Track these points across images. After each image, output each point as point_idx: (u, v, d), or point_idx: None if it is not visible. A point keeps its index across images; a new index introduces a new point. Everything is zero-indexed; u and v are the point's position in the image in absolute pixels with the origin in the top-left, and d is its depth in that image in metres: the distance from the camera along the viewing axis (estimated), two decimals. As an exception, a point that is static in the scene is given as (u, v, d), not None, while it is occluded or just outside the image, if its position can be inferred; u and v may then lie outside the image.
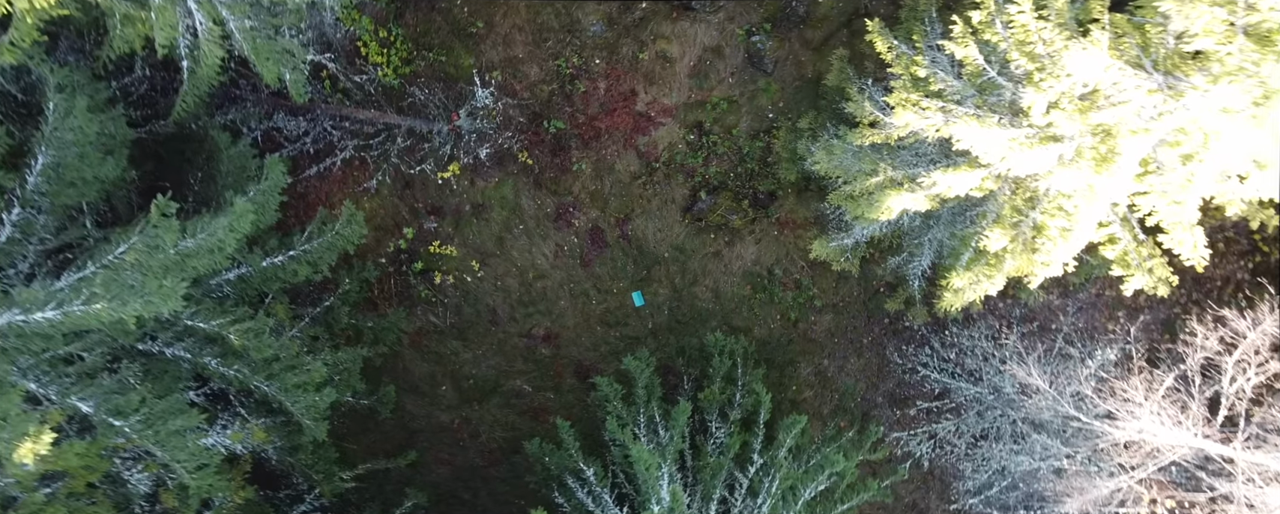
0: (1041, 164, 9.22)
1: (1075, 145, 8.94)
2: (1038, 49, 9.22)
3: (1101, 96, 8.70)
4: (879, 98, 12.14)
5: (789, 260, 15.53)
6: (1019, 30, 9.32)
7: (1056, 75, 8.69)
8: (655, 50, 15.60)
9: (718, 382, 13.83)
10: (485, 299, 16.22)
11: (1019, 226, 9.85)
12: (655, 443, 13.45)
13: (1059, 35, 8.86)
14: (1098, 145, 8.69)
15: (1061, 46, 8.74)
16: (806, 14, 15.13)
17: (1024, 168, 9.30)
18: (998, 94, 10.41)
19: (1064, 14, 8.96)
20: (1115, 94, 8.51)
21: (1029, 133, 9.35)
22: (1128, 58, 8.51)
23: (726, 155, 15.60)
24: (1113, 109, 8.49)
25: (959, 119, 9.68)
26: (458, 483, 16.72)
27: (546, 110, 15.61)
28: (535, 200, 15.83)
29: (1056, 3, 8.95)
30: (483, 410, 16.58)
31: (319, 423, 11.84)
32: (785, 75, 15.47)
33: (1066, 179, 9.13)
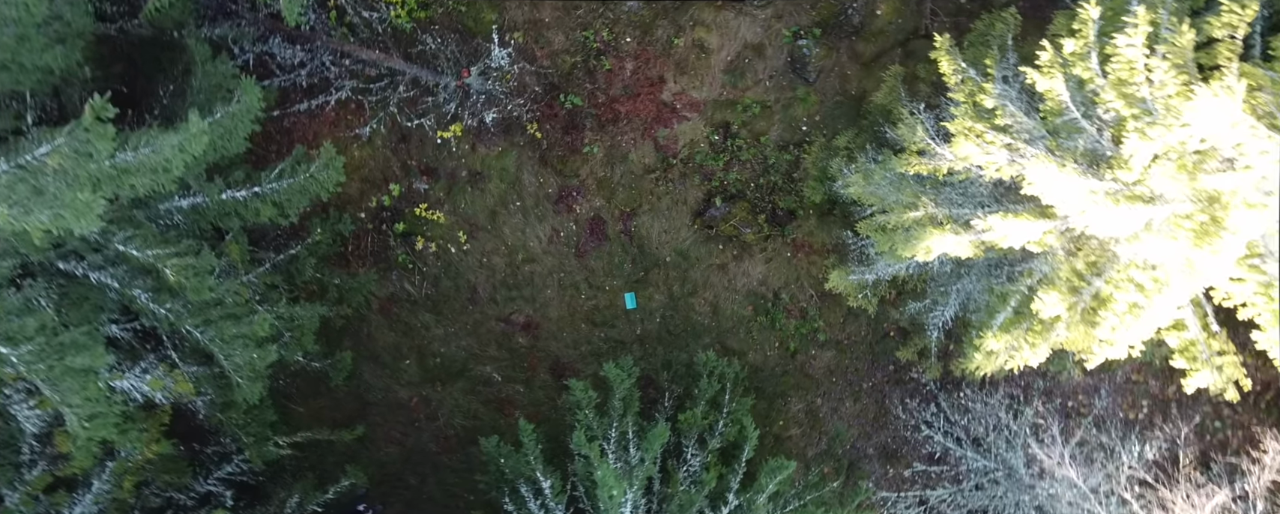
0: (1124, 226, 7.68)
1: (1171, 211, 7.39)
2: (1141, 92, 7.67)
3: (1216, 157, 7.16)
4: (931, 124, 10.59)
5: (798, 286, 13.95)
6: (1123, 67, 7.77)
7: (1168, 125, 7.14)
8: (692, 38, 14.01)
9: (702, 405, 12.24)
10: (467, 274, 14.61)
11: (1079, 294, 8.29)
12: (624, 462, 11.86)
13: (1174, 78, 7.31)
14: (1200, 214, 7.14)
15: (1176, 91, 7.19)
16: (861, 25, 13.56)
17: (1103, 228, 7.75)
18: (1075, 138, 8.84)
19: (1185, 54, 7.40)
20: (1237, 157, 6.97)
21: (1114, 187, 7.81)
22: (1261, 115, 6.97)
23: (750, 163, 14.01)
24: (1230, 175, 6.95)
25: (1033, 159, 8.12)
26: (406, 466, 15.10)
27: (565, 83, 14.01)
28: (537, 178, 14.23)
29: (1179, 40, 7.38)
30: (445, 393, 14.96)
31: (254, 383, 10.23)
32: (827, 87, 13.89)
33: (1151, 248, 7.58)
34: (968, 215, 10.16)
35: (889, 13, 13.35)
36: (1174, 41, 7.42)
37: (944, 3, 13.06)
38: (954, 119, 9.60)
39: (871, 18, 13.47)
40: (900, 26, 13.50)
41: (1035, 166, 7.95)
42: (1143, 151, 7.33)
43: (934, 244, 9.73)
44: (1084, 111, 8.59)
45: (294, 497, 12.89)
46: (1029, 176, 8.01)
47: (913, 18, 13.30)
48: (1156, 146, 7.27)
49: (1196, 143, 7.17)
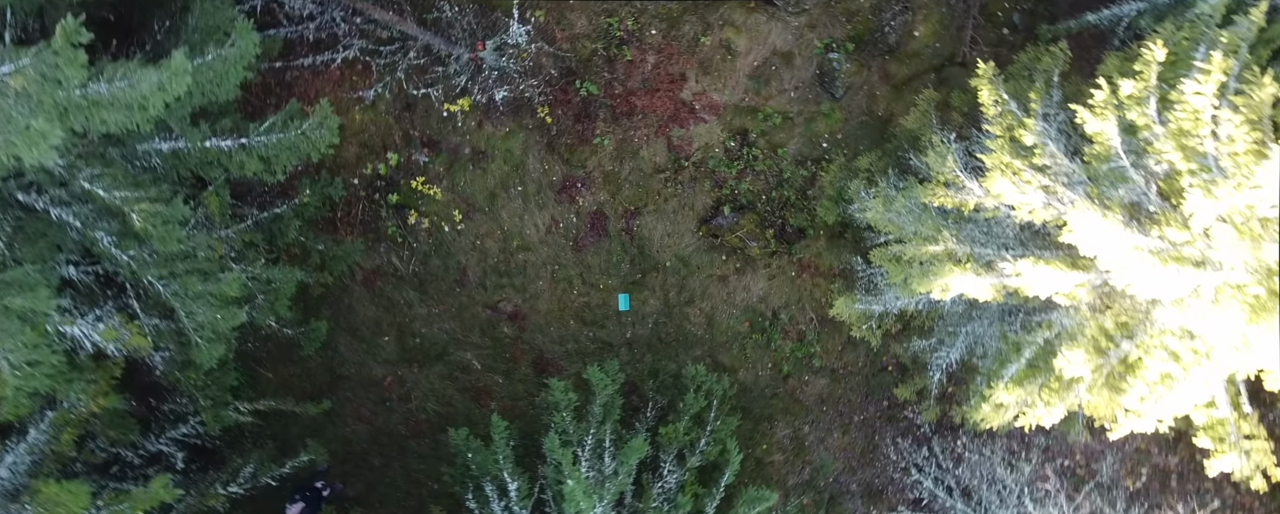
0: (1169, 290, 6.93)
1: (1223, 279, 6.65)
2: (1205, 146, 6.93)
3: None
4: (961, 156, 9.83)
5: (799, 307, 13.19)
6: (1186, 117, 7.02)
7: (1237, 186, 6.39)
8: (720, 37, 13.25)
9: (685, 420, 11.48)
10: (459, 256, 13.83)
11: (1106, 355, 7.55)
12: (597, 472, 11.09)
13: (1246, 134, 6.57)
14: (1258, 286, 6.40)
15: (1247, 148, 6.45)
16: (896, 45, 12.80)
17: (1144, 288, 7.00)
18: (1117, 188, 8.08)
19: (1261, 109, 6.66)
20: (1309, 226, 6.25)
21: (1161, 245, 7.06)
22: (1343, 185, 6.25)
23: (764, 174, 13.25)
24: (1297, 245, 6.23)
25: (1073, 205, 7.37)
26: (372, 446, 14.31)
27: (583, 70, 13.23)
28: (543, 164, 13.45)
29: (1258, 92, 6.64)
30: (421, 375, 14.18)
31: (214, 345, 9.44)
32: (853, 105, 13.13)
33: (1195, 317, 6.84)
34: (990, 256, 9.41)
35: (927, 35, 12.60)
36: (1250, 93, 6.67)
37: (986, 31, 12.30)
38: (990, 153, 8.85)
39: (908, 38, 12.72)
40: (937, 51, 12.75)
41: (1078, 213, 7.20)
42: (1205, 211, 6.59)
43: (952, 283, 8.98)
44: (1132, 160, 7.84)
45: (249, 466, 12.11)
46: (1070, 223, 7.25)
47: (951, 43, 12.55)
48: (1222, 207, 6.53)
49: (1266, 208, 6.43)
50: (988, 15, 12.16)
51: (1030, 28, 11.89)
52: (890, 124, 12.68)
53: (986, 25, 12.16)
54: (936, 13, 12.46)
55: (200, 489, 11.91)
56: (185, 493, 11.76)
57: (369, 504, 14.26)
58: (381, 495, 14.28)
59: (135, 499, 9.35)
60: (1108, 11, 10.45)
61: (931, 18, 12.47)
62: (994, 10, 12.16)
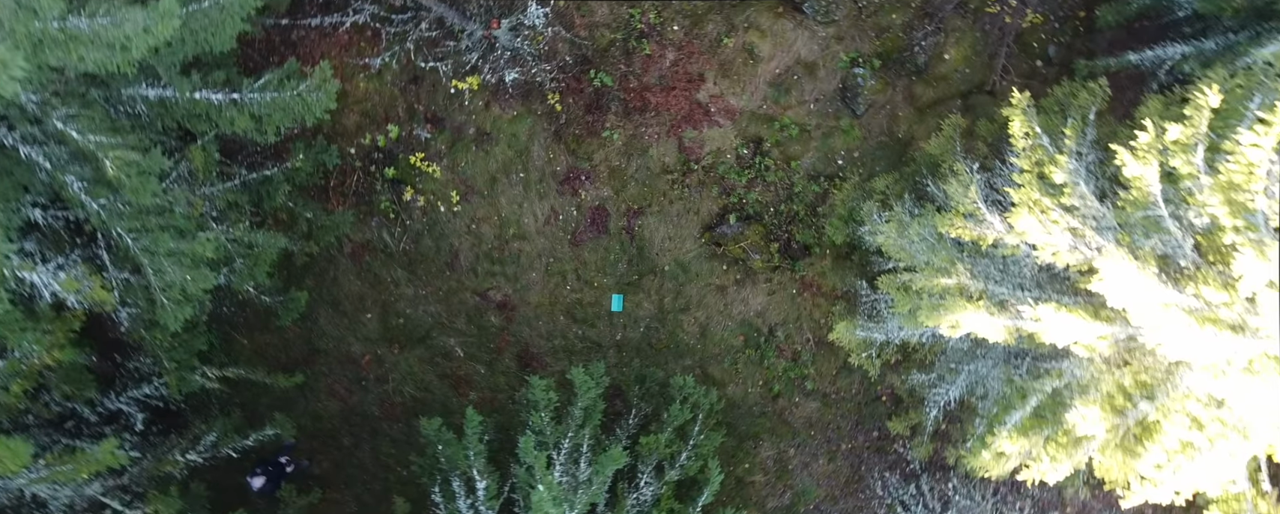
0: (1201, 353, 6.35)
1: (1264, 348, 6.07)
2: (1256, 203, 6.35)
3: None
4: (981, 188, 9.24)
5: (797, 326, 12.59)
6: (1239, 169, 6.44)
7: (1293, 246, 5.82)
8: (743, 40, 12.63)
9: (668, 432, 10.88)
10: (452, 238, 13.21)
11: (1122, 415, 6.96)
12: (572, 477, 10.48)
13: (1305, 194, 6.00)
14: (1303, 358, 5.83)
15: (1307, 209, 5.88)
16: (924, 67, 12.19)
17: (1176, 350, 6.42)
18: (1150, 238, 7.50)
19: (1325, 169, 6.08)
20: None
21: (1196, 305, 6.48)
22: None
23: (775, 186, 12.64)
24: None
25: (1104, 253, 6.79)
26: (343, 424, 13.69)
27: (599, 59, 12.61)
28: (548, 153, 12.83)
29: (1325, 151, 6.06)
30: (401, 357, 13.56)
31: (181, 306, 8.81)
32: (873, 124, 12.53)
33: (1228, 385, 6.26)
34: (1005, 295, 8.82)
35: (957, 59, 12.00)
36: (1316, 151, 6.09)
37: (1018, 61, 11.71)
38: (1017, 188, 8.25)
39: (937, 61, 12.11)
40: (966, 77, 12.15)
41: (1110, 262, 6.60)
42: (1256, 274, 6.00)
43: (964, 320, 8.38)
44: (1171, 210, 7.25)
45: (212, 434, 11.49)
46: (1101, 271, 6.66)
47: (981, 70, 11.95)
48: (1273, 272, 5.95)
49: (1325, 276, 5.87)
50: (1022, 45, 11.56)
51: (1065, 62, 11.30)
52: (910, 147, 12.08)
53: (1020, 55, 11.57)
54: (969, 37, 11.86)
55: (158, 454, 11.29)
56: (142, 456, 11.15)
57: (334, 484, 13.66)
58: (347, 477, 13.67)
59: (81, 460, 8.73)
60: (1151, 53, 9.86)
61: (964, 42, 11.87)
62: (1029, 40, 11.56)
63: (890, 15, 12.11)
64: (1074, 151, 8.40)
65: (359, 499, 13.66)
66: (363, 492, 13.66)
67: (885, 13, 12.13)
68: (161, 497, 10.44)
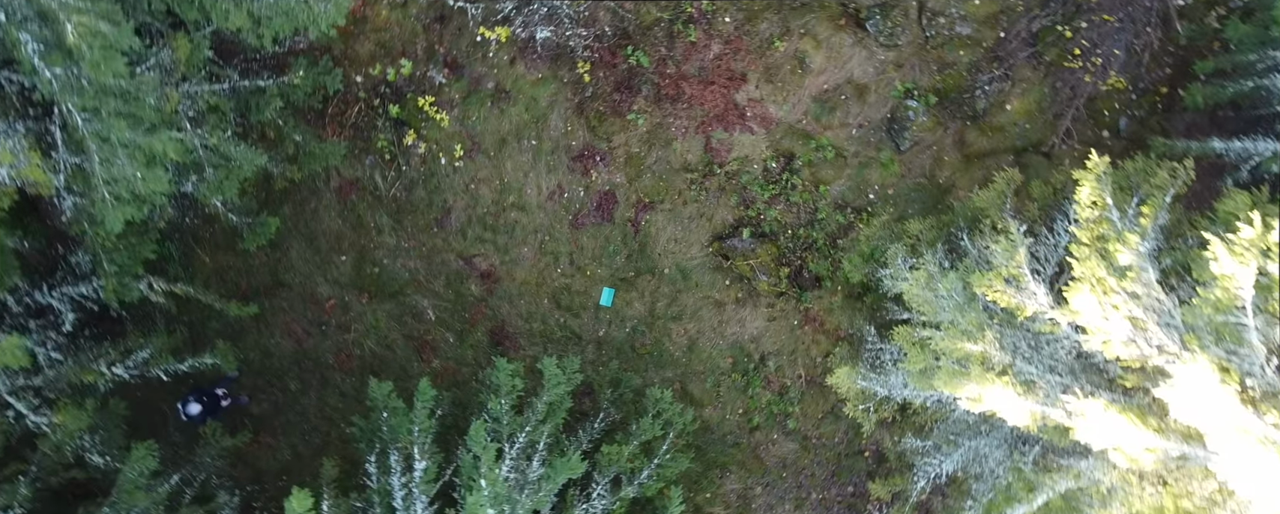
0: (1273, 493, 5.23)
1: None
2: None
3: None
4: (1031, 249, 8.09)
5: (791, 359, 11.42)
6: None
7: None
8: (796, 47, 11.44)
9: (634, 445, 9.72)
10: (447, 194, 11.98)
11: (1158, 538, 5.85)
12: (520, 474, 9.30)
13: None
14: None
15: None
16: (983, 113, 11.03)
17: (1247, 485, 5.29)
18: (1218, 346, 6.36)
19: None
20: None
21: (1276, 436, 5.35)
22: None
23: (798, 208, 11.46)
24: None
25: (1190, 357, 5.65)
26: (293, 367, 12.45)
27: (639, 36, 11.40)
28: (566, 124, 11.61)
29: None
30: (369, 308, 12.33)
31: (124, 205, 7.58)
32: (915, 163, 11.36)
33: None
34: (1033, 376, 7.68)
35: (1019, 112, 10.84)
36: None
37: (1084, 127, 10.55)
38: (1080, 261, 7.10)
39: (997, 110, 10.95)
40: (1024, 132, 10.98)
41: (1191, 369, 5.46)
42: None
43: (988, 395, 7.24)
44: (1263, 320, 6.10)
45: (145, 351, 10.24)
46: (1176, 377, 5.52)
47: (1042, 129, 10.79)
48: None
49: None
50: (1092, 110, 10.41)
51: (1136, 137, 10.18)
52: (949, 195, 10.92)
53: (1087, 120, 10.42)
54: (1037, 91, 10.70)
55: (81, 360, 10.03)
56: (63, 360, 9.91)
57: (270, 428, 12.43)
58: (286, 423, 12.44)
59: (-20, 355, 7.49)
60: (1239, 144, 8.72)
61: (1030, 95, 10.71)
62: (1100, 107, 10.41)
63: (958, 51, 10.93)
64: (1148, 233, 7.25)
65: (294, 449, 12.44)
66: (299, 442, 12.44)
67: (953, 47, 10.95)
68: (72, 409, 9.21)
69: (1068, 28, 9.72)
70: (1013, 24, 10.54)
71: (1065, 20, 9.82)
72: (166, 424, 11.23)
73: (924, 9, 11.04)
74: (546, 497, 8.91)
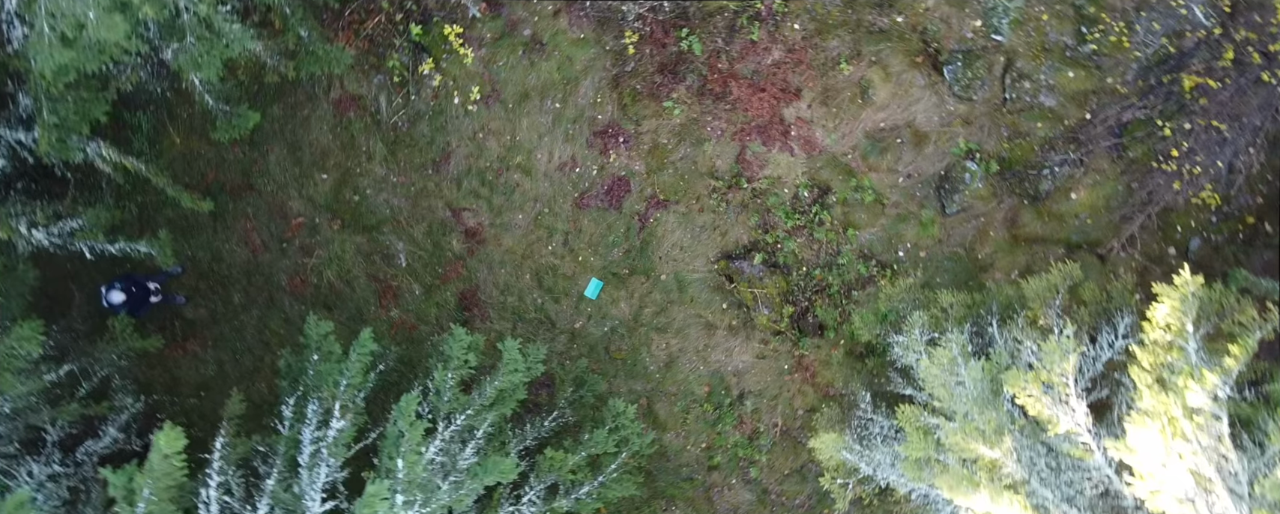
0: None
1: None
2: None
3: None
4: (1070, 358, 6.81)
5: (771, 404, 10.12)
6: None
7: None
8: (863, 74, 10.11)
9: (581, 455, 8.41)
10: (451, 137, 10.59)
11: None
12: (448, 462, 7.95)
13: None
14: None
15: None
16: (1044, 195, 9.73)
17: None
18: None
19: None
20: None
21: None
22: None
23: (820, 246, 10.14)
24: None
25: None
26: (242, 278, 11.04)
27: (697, 21, 10.05)
28: (596, 95, 10.25)
29: None
30: (339, 236, 10.92)
31: (64, 48, 6.16)
32: (956, 230, 10.05)
33: None
34: (1048, 502, 6.40)
35: (1084, 204, 9.55)
36: None
37: (1150, 236, 9.27)
38: (1144, 392, 5.81)
39: (1061, 195, 9.65)
40: (1084, 227, 9.69)
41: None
42: None
43: (995, 512, 5.95)
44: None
45: (74, 222, 8.82)
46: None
47: (1104, 229, 9.50)
48: None
49: None
50: (1165, 222, 9.14)
51: (1204, 263, 8.93)
52: (985, 273, 9.63)
53: (1156, 231, 9.15)
54: (1110, 186, 9.41)
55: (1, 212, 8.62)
56: (-23, 208, 8.49)
57: (200, 337, 11.01)
58: (220, 336, 11.02)
59: None
60: (1328, 298, 7.43)
61: (1101, 188, 9.42)
62: (1176, 221, 9.15)
63: (1035, 122, 9.63)
64: (1231, 375, 5.98)
65: (221, 365, 11.04)
66: (229, 359, 11.03)
67: (1031, 117, 9.65)
68: (-30, 264, 7.80)
69: (1168, 125, 8.43)
70: (1103, 107, 9.24)
71: (1166, 117, 8.53)
72: (72, 308, 9.79)
73: (1011, 67, 9.72)
74: (469, 495, 7.56)
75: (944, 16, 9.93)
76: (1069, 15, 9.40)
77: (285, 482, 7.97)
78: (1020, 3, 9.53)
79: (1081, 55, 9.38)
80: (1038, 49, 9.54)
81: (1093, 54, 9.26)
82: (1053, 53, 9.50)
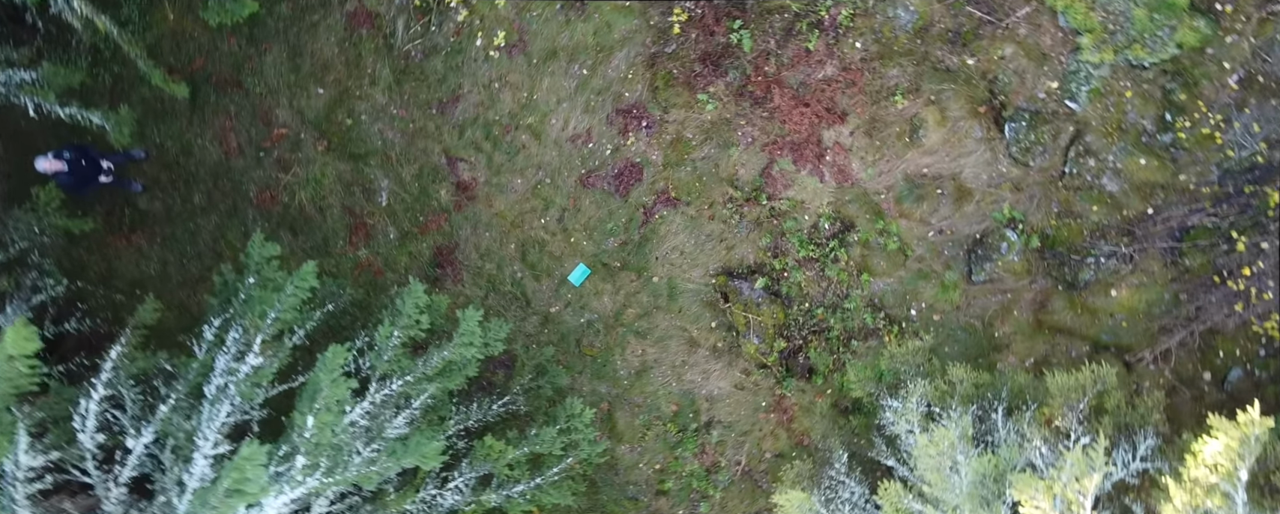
0: None
1: None
2: None
3: None
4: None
5: (739, 440, 9.04)
6: None
7: None
8: (917, 113, 9.04)
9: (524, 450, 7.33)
10: (465, 80, 9.49)
11: None
12: (373, 428, 6.85)
13: None
14: None
15: None
16: (1082, 285, 8.67)
17: None
18: None
19: None
20: None
21: None
22: None
23: (829, 285, 9.07)
24: None
25: None
26: (208, 178, 9.90)
27: (755, 17, 8.98)
28: (628, 71, 9.18)
29: None
30: (321, 158, 9.80)
31: None
32: (978, 301, 8.99)
33: None
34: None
35: (1122, 304, 8.51)
36: None
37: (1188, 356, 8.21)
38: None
39: (1100, 289, 8.60)
40: (1117, 329, 8.64)
41: None
42: None
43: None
44: None
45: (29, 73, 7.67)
46: None
47: (1140, 336, 8.46)
48: None
49: None
50: (1207, 342, 8.10)
51: (1240, 397, 7.89)
52: (998, 354, 8.59)
53: (1195, 349, 8.11)
54: (1155, 292, 8.37)
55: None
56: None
57: (149, 231, 9.88)
58: (170, 235, 9.88)
59: None
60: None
61: (1146, 292, 8.38)
62: (1218, 344, 8.11)
63: (1091, 204, 8.58)
64: None
65: (164, 266, 9.90)
66: (173, 261, 9.90)
67: (1088, 198, 8.60)
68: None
69: (1243, 239, 7.40)
70: (1169, 205, 8.21)
71: (1241, 230, 7.50)
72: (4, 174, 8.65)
73: (1079, 140, 8.67)
74: (382, 472, 6.45)
75: (1019, 69, 8.87)
76: (1156, 97, 8.35)
77: (186, 411, 6.85)
78: (1106, 73, 8.48)
79: (1159, 144, 8.34)
80: (1113, 127, 8.49)
81: (1172, 145, 8.22)
82: (1128, 134, 8.45)
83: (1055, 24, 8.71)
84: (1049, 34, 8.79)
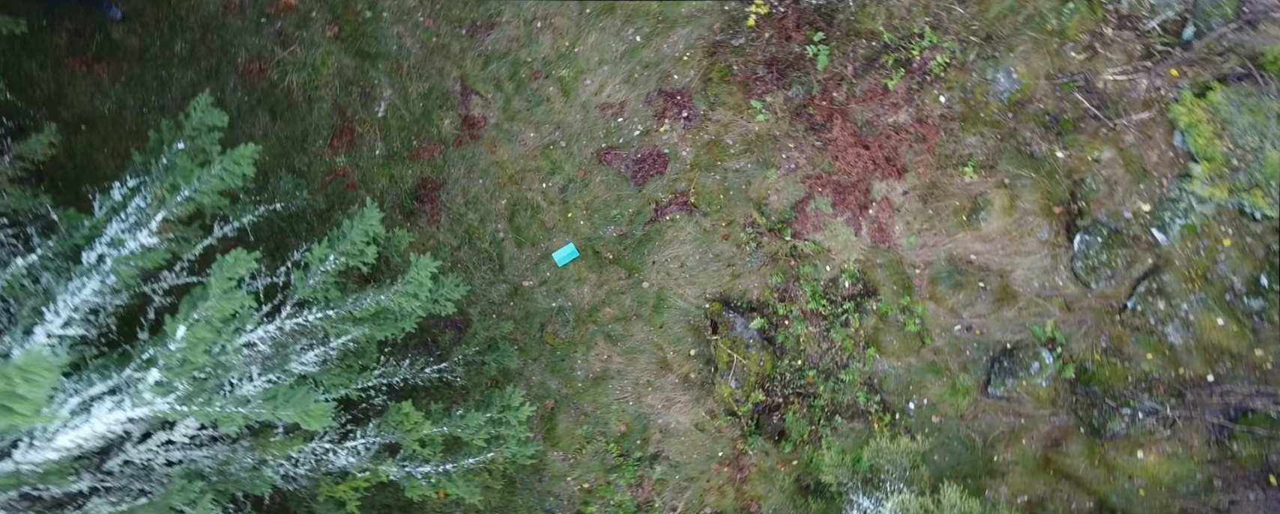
0: None
1: None
2: None
3: None
4: None
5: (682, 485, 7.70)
6: None
7: None
8: (984, 192, 7.75)
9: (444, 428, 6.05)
10: (505, 14, 8.19)
11: None
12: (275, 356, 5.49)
13: None
14: None
15: None
16: (1109, 435, 7.39)
17: None
18: None
19: None
20: None
21: None
22: None
23: (830, 349, 7.76)
24: None
25: None
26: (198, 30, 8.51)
27: (839, 35, 7.71)
28: (685, 53, 7.88)
29: None
30: (328, 46, 8.45)
31: None
32: (987, 416, 7.68)
33: None
34: None
35: (1146, 469, 7.25)
36: None
37: None
38: None
39: (1127, 446, 7.31)
40: (1132, 494, 7.33)
41: None
42: None
43: None
44: None
45: None
46: None
47: (1155, 511, 7.15)
48: None
49: None
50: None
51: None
52: (992, 480, 7.30)
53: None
54: (1188, 468, 7.10)
55: None
56: None
57: (116, 65, 8.51)
58: (137, 75, 8.49)
59: None
60: None
61: (1177, 464, 7.11)
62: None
63: (1146, 351, 7.32)
64: None
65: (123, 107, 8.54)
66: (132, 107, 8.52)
67: (1144, 342, 7.34)
68: None
69: (1316, 441, 6.17)
70: (1233, 378, 6.96)
71: (1314, 430, 6.27)
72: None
73: (1154, 276, 7.40)
74: (248, 416, 5.07)
75: (1112, 179, 7.60)
76: (1258, 256, 7.10)
77: (56, 269, 5.47)
78: (1210, 211, 7.22)
79: (1244, 308, 7.08)
80: (1197, 273, 7.23)
81: (1259, 313, 6.97)
82: (1212, 286, 7.19)
83: (1170, 140, 7.44)
84: (1158, 150, 7.52)
